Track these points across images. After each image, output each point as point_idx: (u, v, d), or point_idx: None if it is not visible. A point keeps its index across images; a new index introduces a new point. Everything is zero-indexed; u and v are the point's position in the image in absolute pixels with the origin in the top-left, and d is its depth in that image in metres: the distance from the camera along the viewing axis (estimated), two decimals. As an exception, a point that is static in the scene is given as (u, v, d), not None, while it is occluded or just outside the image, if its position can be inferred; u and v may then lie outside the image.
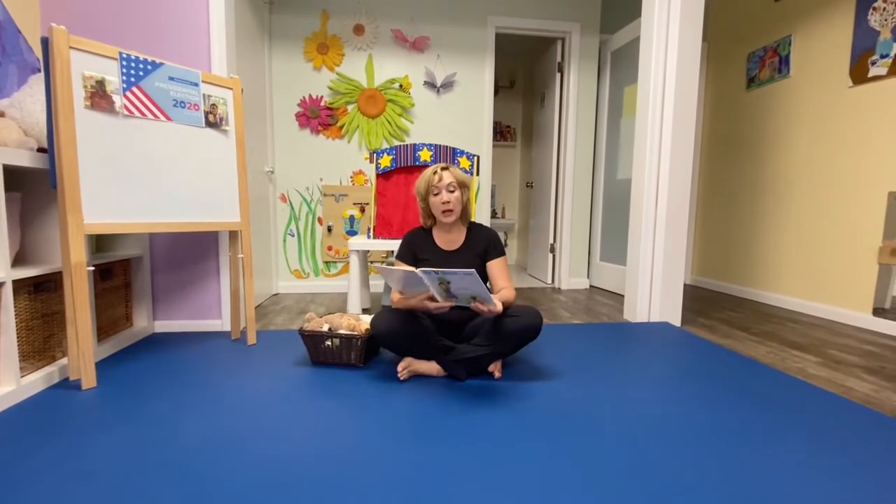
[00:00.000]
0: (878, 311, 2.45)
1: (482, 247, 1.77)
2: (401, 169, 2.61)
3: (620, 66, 3.45)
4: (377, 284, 3.42)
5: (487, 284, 1.78)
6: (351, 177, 3.37)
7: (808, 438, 1.24)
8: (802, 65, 2.90)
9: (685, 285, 3.83)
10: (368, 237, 2.66)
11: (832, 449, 1.18)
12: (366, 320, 1.89)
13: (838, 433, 1.27)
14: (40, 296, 1.59)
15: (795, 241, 2.95)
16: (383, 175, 2.62)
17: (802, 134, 2.90)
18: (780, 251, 3.07)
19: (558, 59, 3.60)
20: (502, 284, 1.72)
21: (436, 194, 1.70)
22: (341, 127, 3.31)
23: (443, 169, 1.71)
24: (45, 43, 1.46)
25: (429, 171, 1.72)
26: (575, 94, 3.54)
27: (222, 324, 2.29)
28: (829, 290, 2.73)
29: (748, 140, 3.34)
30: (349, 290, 2.62)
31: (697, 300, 3.24)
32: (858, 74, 2.53)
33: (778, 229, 3.08)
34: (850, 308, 2.59)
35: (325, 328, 1.80)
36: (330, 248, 3.38)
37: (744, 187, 3.38)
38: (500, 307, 1.48)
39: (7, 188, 1.47)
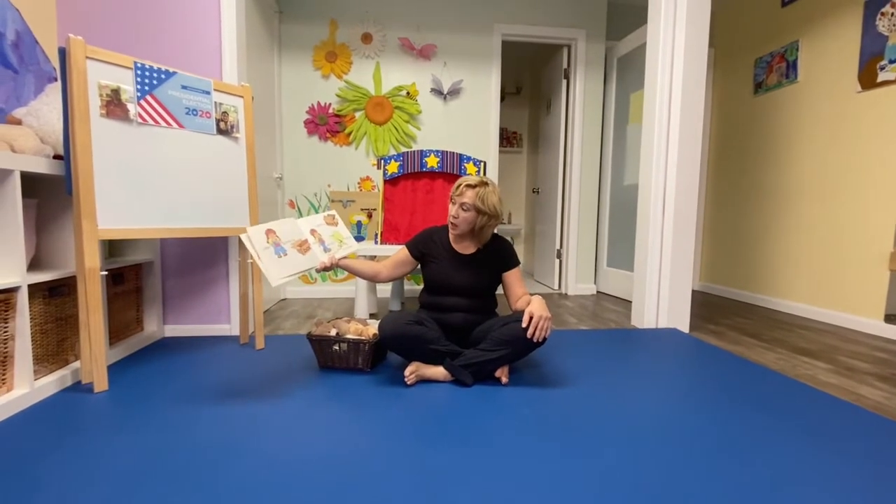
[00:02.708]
0: (890, 318, 2.42)
1: (498, 259, 1.78)
2: (408, 175, 2.63)
3: (627, 72, 3.46)
4: (384, 290, 3.43)
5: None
6: (358, 183, 3.40)
7: (818, 446, 1.23)
8: (810, 70, 2.89)
9: (693, 291, 3.81)
10: (376, 243, 2.67)
11: (843, 457, 1.17)
12: (373, 325, 1.90)
13: (850, 441, 1.26)
14: (55, 300, 1.62)
15: (805, 246, 2.93)
16: (391, 181, 2.64)
17: (811, 139, 2.89)
18: (789, 257, 3.05)
19: (564, 65, 3.62)
20: (520, 292, 1.76)
21: (452, 203, 1.72)
22: (349, 134, 3.34)
23: (468, 186, 1.67)
24: (63, 53, 1.49)
25: (464, 178, 1.71)
26: (581, 100, 3.56)
27: (231, 328, 2.31)
28: (839, 297, 2.70)
29: (756, 145, 3.33)
30: (356, 295, 2.64)
31: (705, 306, 3.22)
32: (867, 79, 2.52)
33: (787, 235, 3.06)
34: (862, 315, 2.56)
35: (333, 333, 1.81)
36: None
37: (752, 193, 3.36)
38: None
39: (24, 194, 1.50)
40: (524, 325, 1.55)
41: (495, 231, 1.83)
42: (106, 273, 1.71)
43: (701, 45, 2.39)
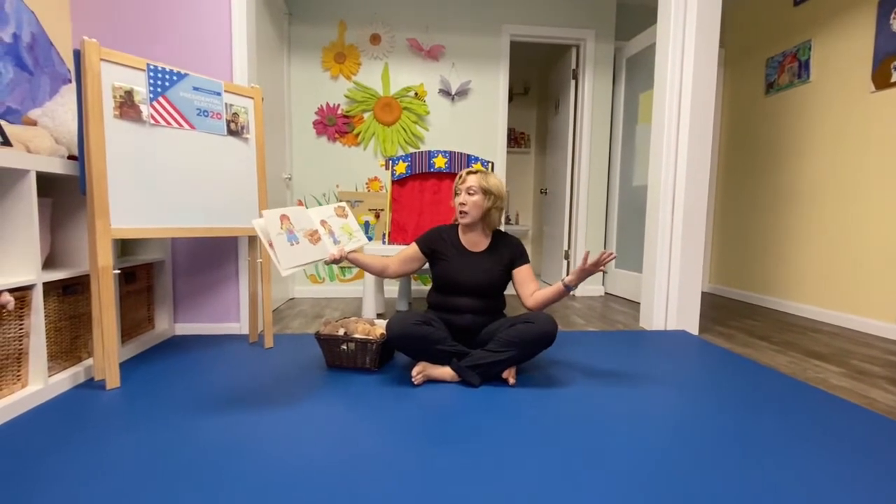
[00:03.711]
0: (904, 321, 2.38)
1: (508, 255, 1.79)
2: (416, 175, 2.64)
3: (636, 72, 3.44)
4: (392, 290, 3.44)
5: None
6: (366, 183, 3.41)
7: (829, 450, 1.21)
8: (823, 70, 2.86)
9: (702, 293, 3.78)
10: (383, 243, 2.68)
11: (855, 461, 1.16)
12: (380, 325, 1.91)
13: (861, 445, 1.24)
14: (68, 298, 1.64)
15: (816, 248, 2.89)
16: (398, 182, 2.65)
17: (823, 140, 2.85)
18: (800, 259, 3.01)
19: (573, 65, 3.61)
20: (533, 287, 1.75)
21: (457, 194, 1.76)
22: (357, 134, 3.36)
23: (469, 173, 1.75)
24: (78, 55, 1.52)
25: (464, 170, 1.80)
26: (590, 100, 3.54)
27: (240, 327, 2.33)
28: (851, 299, 2.66)
29: (767, 146, 3.29)
30: (364, 295, 2.65)
31: (715, 308, 3.19)
32: (881, 79, 2.49)
33: (798, 237, 3.03)
34: (874, 318, 2.53)
35: (341, 332, 1.82)
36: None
37: (762, 194, 3.33)
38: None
39: (39, 194, 1.53)
40: (588, 263, 1.53)
41: (502, 229, 1.84)
42: (118, 272, 1.74)
43: (711, 45, 2.37)
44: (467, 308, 1.75)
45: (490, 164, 2.61)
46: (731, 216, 3.66)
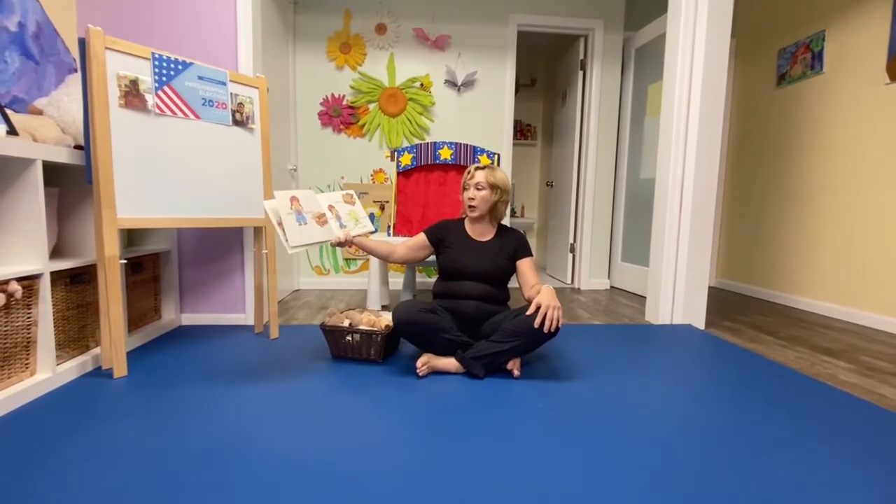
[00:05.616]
0: (915, 317, 2.35)
1: (512, 247, 1.82)
2: (421, 167, 2.62)
3: (645, 63, 3.39)
4: (396, 281, 3.44)
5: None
6: (371, 175, 3.40)
7: (838, 446, 1.20)
8: (836, 61, 2.80)
9: (709, 288, 3.75)
10: (388, 235, 2.68)
11: (864, 458, 1.14)
12: (385, 317, 1.91)
13: (871, 442, 1.23)
14: (76, 287, 1.65)
15: (826, 243, 2.85)
16: (404, 173, 2.64)
17: (835, 133, 2.81)
18: (810, 254, 2.98)
19: (581, 56, 3.56)
20: (533, 281, 1.76)
21: (465, 189, 1.81)
22: (362, 126, 3.34)
23: (477, 168, 1.80)
24: (83, 44, 1.51)
25: (472, 165, 1.84)
26: (597, 91, 3.50)
27: (246, 318, 2.34)
28: (861, 295, 2.63)
29: (777, 139, 3.24)
30: (369, 286, 2.65)
31: (722, 303, 3.17)
32: (897, 71, 2.43)
33: (808, 231, 2.99)
34: (884, 313, 2.50)
35: (346, 324, 1.82)
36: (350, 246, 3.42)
37: (772, 187, 3.28)
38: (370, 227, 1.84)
39: (46, 184, 1.53)
40: (530, 313, 1.56)
41: (507, 222, 1.85)
42: (125, 262, 1.74)
43: (723, 35, 2.32)
44: (472, 294, 1.76)
45: (496, 156, 2.58)
46: (740, 210, 3.61)
